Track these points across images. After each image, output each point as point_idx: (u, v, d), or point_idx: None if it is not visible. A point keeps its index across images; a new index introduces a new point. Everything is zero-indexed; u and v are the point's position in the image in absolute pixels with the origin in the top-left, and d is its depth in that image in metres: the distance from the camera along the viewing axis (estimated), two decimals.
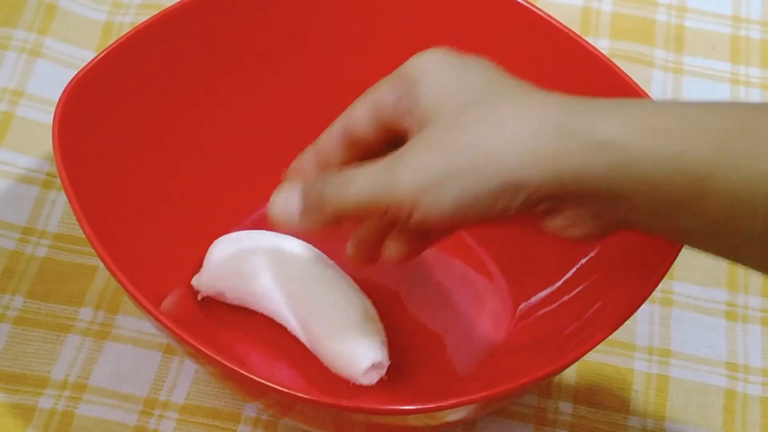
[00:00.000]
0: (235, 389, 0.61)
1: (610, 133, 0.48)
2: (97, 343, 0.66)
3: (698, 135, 0.47)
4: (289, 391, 0.52)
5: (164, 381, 0.65)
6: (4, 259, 0.69)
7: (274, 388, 0.52)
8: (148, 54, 0.65)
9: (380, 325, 0.63)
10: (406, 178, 0.50)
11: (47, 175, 0.74)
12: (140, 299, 0.54)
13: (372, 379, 0.61)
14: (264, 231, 0.67)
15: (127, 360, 0.66)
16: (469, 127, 0.50)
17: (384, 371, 0.62)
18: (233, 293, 0.65)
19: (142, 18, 0.82)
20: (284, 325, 0.64)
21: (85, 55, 0.80)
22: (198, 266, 0.66)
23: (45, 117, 0.76)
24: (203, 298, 0.66)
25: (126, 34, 0.64)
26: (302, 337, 0.64)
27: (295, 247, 0.66)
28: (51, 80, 0.78)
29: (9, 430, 0.63)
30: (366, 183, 0.51)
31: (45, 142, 0.75)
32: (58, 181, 0.72)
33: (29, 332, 0.66)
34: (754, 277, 0.73)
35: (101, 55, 0.62)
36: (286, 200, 0.55)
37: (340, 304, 0.62)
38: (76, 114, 0.60)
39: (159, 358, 0.66)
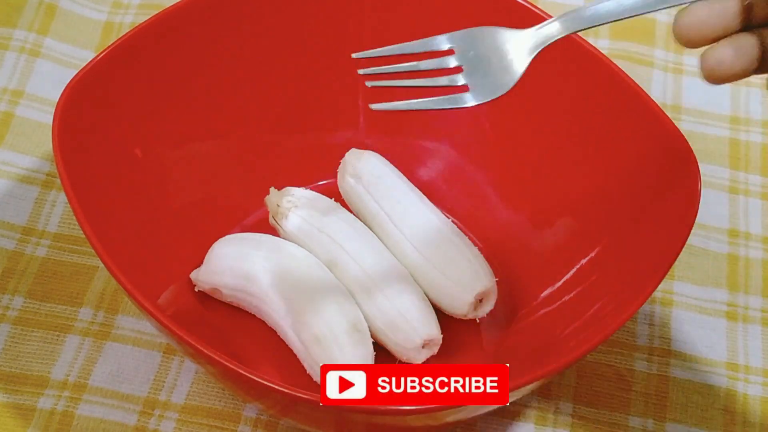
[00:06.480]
0: (234, 389, 0.61)
1: None
2: (96, 343, 0.66)
3: None
4: (290, 392, 0.52)
5: (164, 381, 0.65)
6: (4, 259, 0.69)
7: (275, 389, 0.52)
8: (148, 54, 0.65)
9: (368, 338, 0.62)
10: None
11: (47, 175, 0.74)
12: (139, 299, 0.54)
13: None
14: (267, 234, 0.67)
15: (127, 360, 0.66)
16: None
17: None
18: (229, 291, 0.65)
19: (142, 18, 0.82)
20: (274, 329, 0.64)
21: (85, 55, 0.80)
22: (197, 265, 0.66)
23: (45, 117, 0.76)
24: (200, 293, 0.66)
25: (126, 34, 0.64)
26: (289, 342, 0.63)
27: (295, 252, 0.66)
28: (51, 80, 0.78)
29: (9, 430, 0.63)
30: None
31: (45, 142, 0.75)
32: (58, 181, 0.72)
33: (29, 332, 0.66)
34: (755, 278, 0.73)
35: (101, 55, 0.62)
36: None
37: (330, 313, 0.62)
38: (76, 114, 0.60)
39: (159, 358, 0.66)
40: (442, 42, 0.53)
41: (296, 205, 0.67)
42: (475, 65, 0.53)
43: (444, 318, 0.66)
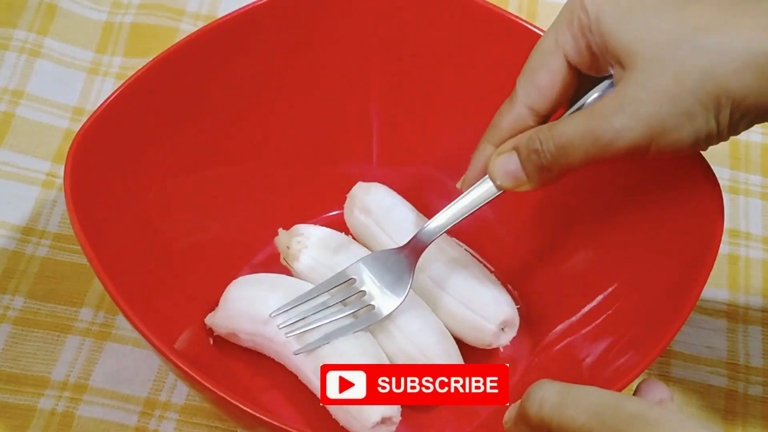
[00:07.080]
0: (225, 417, 0.59)
1: None
2: (97, 343, 0.66)
3: None
4: (277, 424, 0.50)
5: (164, 382, 0.65)
6: (4, 259, 0.69)
7: (265, 420, 0.51)
8: (157, 92, 0.62)
9: None
10: (636, 126, 0.53)
11: (47, 175, 0.74)
12: (130, 313, 0.53)
13: None
14: (282, 275, 0.65)
15: (128, 361, 0.66)
16: (689, 61, 0.52)
17: (394, 428, 0.59)
18: (246, 335, 0.63)
19: (142, 18, 0.82)
20: (295, 373, 0.63)
21: (85, 55, 0.80)
22: (211, 306, 0.65)
23: (45, 117, 0.76)
24: (217, 338, 0.65)
25: (135, 73, 0.61)
26: (311, 387, 0.62)
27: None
28: (51, 80, 0.78)
29: (9, 430, 0.63)
30: (589, 137, 0.53)
31: (45, 142, 0.75)
32: (58, 181, 0.73)
33: (29, 333, 0.66)
34: (755, 278, 0.73)
35: (110, 100, 0.60)
36: (506, 167, 0.57)
37: (353, 356, 0.60)
38: (86, 163, 0.58)
39: (159, 359, 0.66)
40: (344, 276, 0.62)
41: (306, 246, 0.65)
42: (375, 285, 0.62)
43: (465, 348, 0.65)
